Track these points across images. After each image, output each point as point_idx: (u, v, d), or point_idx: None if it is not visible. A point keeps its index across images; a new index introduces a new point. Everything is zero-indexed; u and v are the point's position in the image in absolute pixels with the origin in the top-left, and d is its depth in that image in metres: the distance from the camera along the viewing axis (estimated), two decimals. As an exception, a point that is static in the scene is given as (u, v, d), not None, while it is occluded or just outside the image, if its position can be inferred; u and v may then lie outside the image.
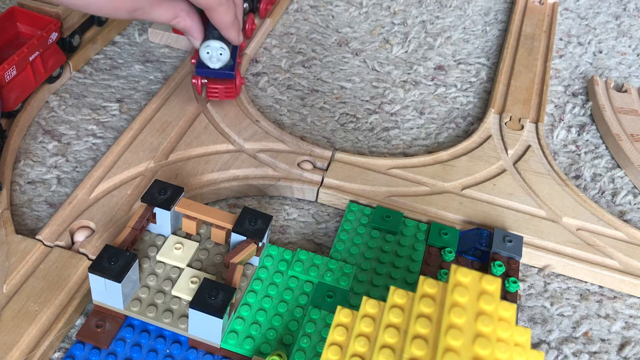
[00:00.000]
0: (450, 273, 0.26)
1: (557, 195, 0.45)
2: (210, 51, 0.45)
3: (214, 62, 0.46)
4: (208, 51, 0.45)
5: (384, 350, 0.26)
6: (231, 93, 0.48)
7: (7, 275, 0.36)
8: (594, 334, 0.39)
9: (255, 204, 0.44)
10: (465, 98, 0.57)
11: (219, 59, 0.46)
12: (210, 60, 0.46)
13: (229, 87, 0.48)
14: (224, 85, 0.48)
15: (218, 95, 0.48)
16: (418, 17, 0.67)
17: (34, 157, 0.46)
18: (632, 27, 0.70)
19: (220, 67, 0.46)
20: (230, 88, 0.48)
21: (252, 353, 0.33)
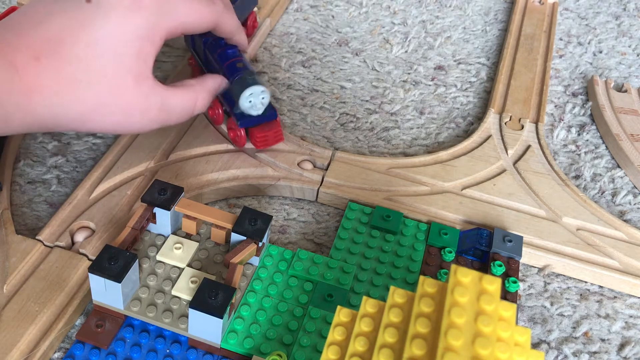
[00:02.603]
0: (450, 273, 0.26)
1: (557, 195, 0.45)
2: (253, 99, 0.42)
3: (258, 109, 0.43)
4: (251, 100, 0.42)
5: (384, 350, 0.26)
6: (280, 134, 0.45)
7: (7, 275, 0.36)
8: (594, 334, 0.39)
9: (255, 204, 0.44)
10: (465, 98, 0.57)
11: (262, 104, 0.42)
12: (254, 108, 0.42)
13: (276, 130, 0.44)
14: (271, 129, 0.44)
15: (268, 142, 0.45)
16: (418, 17, 0.67)
17: (34, 157, 0.46)
18: (632, 27, 0.70)
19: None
20: (278, 130, 0.45)
21: (252, 353, 0.33)
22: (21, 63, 0.32)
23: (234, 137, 0.45)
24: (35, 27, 0.33)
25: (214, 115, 0.46)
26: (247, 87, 0.41)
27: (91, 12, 0.34)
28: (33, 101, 0.33)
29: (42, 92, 0.33)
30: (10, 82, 0.32)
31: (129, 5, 0.34)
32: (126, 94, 0.35)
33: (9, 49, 0.32)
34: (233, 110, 0.43)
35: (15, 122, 0.33)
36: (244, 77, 0.42)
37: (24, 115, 0.33)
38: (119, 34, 0.34)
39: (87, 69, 0.34)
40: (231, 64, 0.43)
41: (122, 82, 0.35)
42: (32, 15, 0.34)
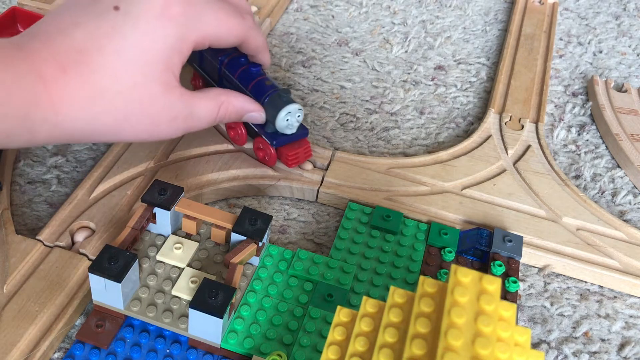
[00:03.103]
0: (450, 273, 0.26)
1: (557, 195, 0.45)
2: (290, 118, 0.41)
3: (293, 128, 0.42)
4: (288, 118, 0.41)
5: (384, 350, 0.26)
6: (309, 151, 0.44)
7: (7, 275, 0.36)
8: (594, 334, 0.39)
9: (255, 204, 0.44)
10: (465, 98, 0.57)
11: (298, 122, 0.42)
12: (290, 127, 0.41)
13: (306, 147, 0.44)
14: (301, 147, 0.43)
15: (299, 160, 0.44)
16: (418, 17, 0.67)
17: (34, 157, 0.46)
18: (632, 27, 0.70)
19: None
20: (307, 146, 0.44)
21: (252, 353, 0.33)
22: (48, 75, 0.31)
23: (264, 156, 0.44)
24: (62, 36, 0.32)
25: (235, 137, 0.45)
26: (285, 106, 0.40)
27: (119, 20, 0.33)
28: (60, 115, 0.32)
29: (70, 105, 0.32)
30: (37, 95, 0.31)
31: (158, 14, 0.34)
32: (155, 103, 0.34)
33: (38, 59, 0.31)
34: (264, 130, 0.42)
35: (41, 135, 0.32)
36: (279, 96, 0.41)
37: (51, 129, 0.32)
38: (147, 43, 0.33)
39: (115, 78, 0.33)
40: (258, 83, 0.41)
41: (151, 92, 0.34)
42: (58, 23, 0.33)
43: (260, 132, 0.43)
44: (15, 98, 0.30)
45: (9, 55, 0.31)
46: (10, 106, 0.30)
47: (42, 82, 0.31)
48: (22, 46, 0.32)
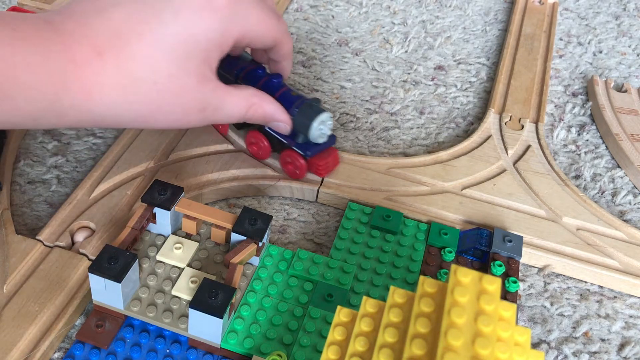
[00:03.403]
0: (450, 273, 0.26)
1: (557, 195, 0.45)
2: (323, 127, 0.40)
3: (325, 137, 0.41)
4: (322, 127, 0.40)
5: (384, 350, 0.26)
6: (337, 158, 0.44)
7: (7, 275, 0.36)
8: (594, 334, 0.39)
9: (255, 204, 0.44)
10: (465, 98, 0.57)
11: (329, 130, 0.41)
12: (322, 136, 0.41)
13: (334, 154, 0.43)
14: (330, 155, 0.43)
15: (329, 168, 0.44)
16: (418, 17, 0.67)
17: (34, 157, 0.46)
18: (632, 27, 0.70)
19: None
20: (335, 154, 0.44)
21: (252, 353, 0.33)
22: (81, 58, 0.30)
23: (293, 170, 0.43)
24: (99, 17, 0.31)
25: (258, 151, 0.44)
26: (317, 116, 0.40)
27: (161, 6, 0.32)
28: (92, 100, 0.31)
29: (102, 91, 0.31)
30: (68, 78, 0.30)
31: (203, 5, 0.32)
32: (188, 94, 0.34)
33: (71, 41, 0.30)
34: (294, 141, 0.42)
35: (69, 119, 0.31)
36: (310, 105, 0.40)
37: (80, 113, 0.31)
38: (188, 35, 0.32)
39: (152, 68, 0.32)
40: (284, 94, 0.40)
41: (186, 83, 0.33)
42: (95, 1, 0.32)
43: (289, 144, 0.42)
44: (44, 80, 0.29)
45: (40, 35, 0.29)
46: (38, 89, 0.29)
47: (74, 65, 0.30)
48: (56, 25, 0.30)
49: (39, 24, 0.30)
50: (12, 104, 0.29)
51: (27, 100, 0.29)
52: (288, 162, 0.43)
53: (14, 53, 0.28)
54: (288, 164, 0.43)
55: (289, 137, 0.42)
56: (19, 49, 0.29)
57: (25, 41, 0.29)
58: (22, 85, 0.29)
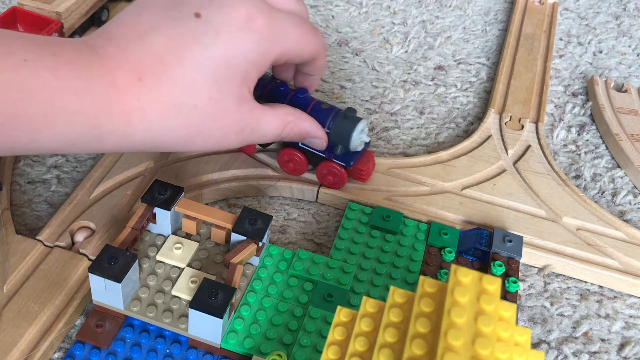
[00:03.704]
0: (450, 273, 0.26)
1: (557, 195, 0.45)
2: (362, 135, 0.40)
3: (363, 144, 0.41)
4: (361, 136, 0.40)
5: (384, 350, 0.26)
6: (373, 161, 0.44)
7: (7, 275, 0.36)
8: (594, 334, 0.39)
9: (256, 204, 0.44)
10: (465, 98, 0.57)
11: (367, 136, 0.41)
12: (362, 144, 0.41)
13: (372, 158, 0.43)
14: (369, 159, 0.43)
15: (370, 172, 0.43)
16: (418, 17, 0.67)
17: (34, 157, 0.46)
18: (632, 27, 0.70)
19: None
20: (372, 156, 0.43)
21: (252, 353, 0.33)
22: (123, 83, 0.30)
23: (334, 180, 0.43)
24: (140, 42, 0.31)
25: (295, 168, 0.43)
26: (356, 126, 0.40)
27: (200, 28, 0.31)
28: (132, 125, 0.31)
29: (143, 116, 0.31)
30: (109, 104, 0.30)
31: (242, 26, 0.32)
32: (227, 117, 0.33)
33: (112, 65, 0.30)
34: (334, 153, 0.41)
35: (108, 144, 0.31)
36: (345, 116, 0.40)
37: (119, 139, 0.31)
38: (228, 57, 0.32)
39: (192, 92, 0.31)
40: (315, 108, 0.40)
41: (226, 106, 0.33)
42: (135, 26, 0.31)
43: (328, 157, 0.42)
44: (87, 106, 0.29)
45: (82, 61, 0.29)
46: (80, 114, 0.29)
47: (115, 91, 0.30)
48: (96, 49, 0.30)
49: (80, 49, 0.30)
50: (53, 130, 0.29)
51: (68, 126, 0.29)
52: (326, 174, 0.43)
53: (57, 78, 0.28)
54: (327, 175, 0.43)
55: (326, 150, 0.41)
56: (61, 74, 0.28)
57: (68, 67, 0.29)
58: (64, 111, 0.29)
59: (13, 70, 0.27)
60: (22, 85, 0.27)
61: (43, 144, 0.29)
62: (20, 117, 0.28)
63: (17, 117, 0.28)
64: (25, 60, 0.28)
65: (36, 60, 0.28)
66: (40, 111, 0.28)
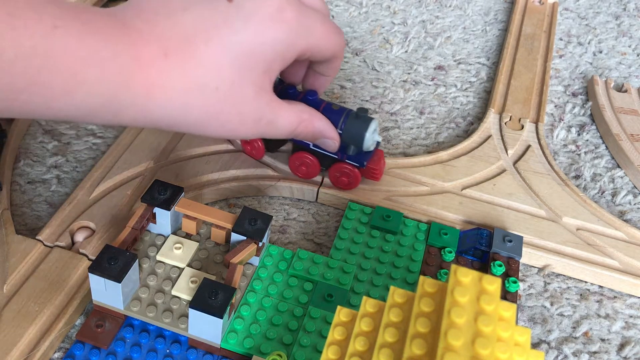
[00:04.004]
0: (450, 273, 0.26)
1: (557, 195, 0.45)
2: (374, 134, 0.40)
3: (374, 143, 0.41)
4: (374, 135, 0.40)
5: (384, 350, 0.26)
6: (384, 159, 0.44)
7: (7, 275, 0.36)
8: (594, 334, 0.39)
9: (256, 204, 0.44)
10: (465, 98, 0.57)
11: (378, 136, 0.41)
12: (374, 143, 0.41)
13: (381, 156, 0.43)
14: (380, 158, 0.43)
15: (382, 171, 0.43)
16: (418, 17, 0.67)
17: (34, 157, 0.46)
18: (632, 27, 0.70)
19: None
20: (382, 154, 0.43)
21: (252, 353, 0.33)
22: (148, 57, 0.30)
23: (347, 182, 0.43)
24: (169, 19, 0.31)
25: (308, 171, 0.43)
26: (368, 126, 0.40)
27: (231, 13, 0.31)
28: (152, 100, 0.30)
29: (164, 92, 0.31)
30: (132, 76, 0.29)
31: (273, 15, 0.32)
32: (244, 105, 0.33)
33: (139, 39, 0.30)
34: (346, 153, 0.41)
35: (125, 117, 0.31)
36: (357, 116, 0.40)
37: (137, 112, 0.31)
38: (256, 44, 0.32)
39: (216, 74, 0.31)
40: (326, 109, 0.40)
41: (246, 93, 0.33)
42: (164, 3, 0.31)
43: (341, 158, 0.42)
44: (109, 77, 0.29)
45: (110, 31, 0.29)
46: (101, 85, 0.29)
47: (139, 64, 0.29)
48: (125, 21, 0.30)
49: (108, 19, 0.30)
50: (72, 98, 0.29)
51: (88, 95, 0.29)
52: (340, 176, 0.43)
53: (82, 47, 0.28)
54: (340, 177, 0.43)
55: (338, 151, 0.41)
56: (87, 43, 0.28)
57: (94, 36, 0.28)
58: (86, 80, 0.28)
59: (41, 37, 0.27)
60: (48, 53, 0.27)
61: (60, 111, 0.29)
62: (42, 84, 0.27)
63: (38, 84, 0.27)
64: (55, 27, 0.27)
65: (65, 27, 0.27)
66: (62, 79, 0.28)
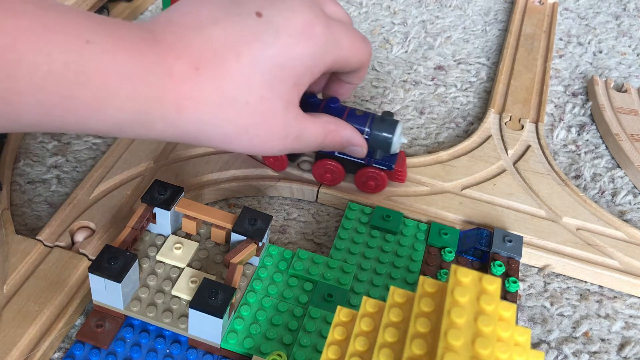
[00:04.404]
0: (450, 273, 0.26)
1: (557, 195, 0.45)
2: (402, 137, 0.40)
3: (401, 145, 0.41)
4: (401, 138, 0.40)
5: (384, 350, 0.26)
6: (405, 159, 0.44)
7: (7, 275, 0.36)
8: (594, 334, 0.39)
9: (256, 204, 0.44)
10: (465, 98, 0.57)
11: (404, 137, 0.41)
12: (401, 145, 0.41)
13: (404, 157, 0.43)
14: (404, 160, 0.43)
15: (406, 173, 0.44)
16: (418, 17, 0.67)
17: (34, 157, 0.46)
18: (632, 27, 0.70)
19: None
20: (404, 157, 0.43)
21: (252, 353, 0.33)
22: (179, 72, 0.30)
23: (375, 185, 0.43)
24: (199, 33, 0.31)
25: (333, 178, 0.43)
26: (395, 129, 0.39)
27: (261, 27, 0.32)
28: (183, 114, 0.30)
29: (195, 106, 0.31)
30: (163, 91, 0.29)
31: (302, 30, 0.32)
32: (273, 119, 0.33)
33: (170, 54, 0.30)
34: (373, 157, 0.41)
35: (155, 131, 0.31)
36: (382, 120, 0.40)
37: (168, 126, 0.31)
38: (286, 58, 0.32)
39: (247, 88, 0.31)
40: (350, 115, 0.40)
41: (274, 107, 0.33)
42: (195, 17, 0.31)
43: (368, 162, 0.42)
44: (141, 92, 0.29)
45: (142, 47, 0.29)
46: (133, 100, 0.29)
47: (171, 79, 0.30)
48: (156, 35, 0.30)
49: (139, 34, 0.30)
50: (102, 114, 0.29)
51: (120, 110, 0.29)
52: (367, 180, 0.43)
53: (114, 63, 0.28)
54: (367, 181, 0.43)
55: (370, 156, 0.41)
56: (119, 58, 0.28)
57: (126, 51, 0.28)
58: (118, 94, 0.28)
59: (75, 52, 0.27)
60: (81, 68, 0.27)
61: (91, 126, 0.29)
62: (74, 99, 0.27)
63: (70, 98, 0.27)
64: (88, 42, 0.27)
65: (98, 42, 0.28)
66: (93, 94, 0.28)
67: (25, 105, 0.27)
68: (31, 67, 0.26)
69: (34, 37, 0.26)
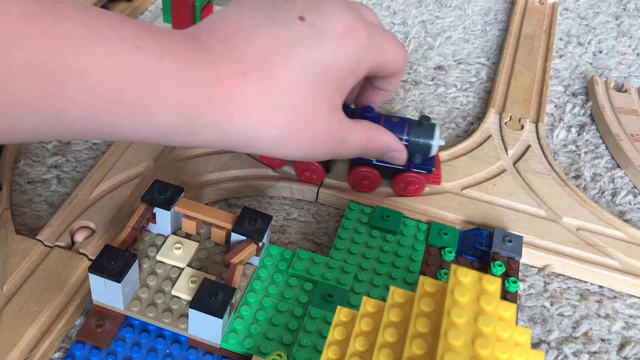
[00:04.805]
0: (450, 273, 0.26)
1: (557, 195, 0.45)
2: (440, 140, 0.40)
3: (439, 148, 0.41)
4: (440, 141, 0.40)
5: (384, 350, 0.26)
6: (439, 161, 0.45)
7: (7, 275, 0.36)
8: (594, 334, 0.39)
9: (256, 204, 0.44)
10: (465, 98, 0.57)
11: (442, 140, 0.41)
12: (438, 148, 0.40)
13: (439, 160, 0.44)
14: (438, 162, 0.43)
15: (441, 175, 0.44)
16: (418, 17, 0.67)
17: (34, 157, 0.46)
18: (632, 27, 0.70)
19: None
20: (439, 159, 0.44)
21: (252, 353, 0.33)
22: (227, 77, 0.30)
23: (414, 189, 0.43)
24: (244, 39, 0.31)
25: (370, 185, 0.43)
26: (434, 133, 0.40)
27: (305, 31, 0.32)
28: (231, 120, 0.30)
29: (243, 111, 0.30)
30: (211, 97, 0.29)
31: (344, 33, 0.33)
32: (318, 123, 0.33)
33: (218, 61, 0.30)
34: (413, 162, 0.41)
35: (201, 137, 0.31)
36: (419, 124, 0.40)
37: (216, 132, 0.31)
38: (330, 61, 0.32)
39: (292, 92, 0.31)
40: (387, 122, 0.40)
41: (319, 110, 0.33)
42: (239, 23, 0.32)
43: (407, 167, 0.42)
44: (188, 98, 0.29)
45: (189, 54, 0.29)
46: (181, 106, 0.29)
47: (219, 85, 0.30)
48: (202, 43, 0.30)
49: (185, 40, 0.30)
50: (150, 119, 0.29)
51: (167, 116, 0.29)
52: (406, 185, 0.43)
53: (162, 68, 0.28)
54: (406, 186, 0.43)
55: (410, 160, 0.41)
56: (167, 64, 0.28)
57: (174, 57, 0.28)
58: (165, 101, 0.28)
59: (123, 57, 0.27)
60: (130, 73, 0.27)
61: (138, 133, 0.29)
62: (122, 104, 0.27)
63: (119, 104, 0.27)
64: (137, 47, 0.27)
65: (146, 47, 0.28)
66: (142, 100, 0.28)
67: (74, 111, 0.26)
68: (80, 72, 0.25)
69: (83, 42, 0.26)
